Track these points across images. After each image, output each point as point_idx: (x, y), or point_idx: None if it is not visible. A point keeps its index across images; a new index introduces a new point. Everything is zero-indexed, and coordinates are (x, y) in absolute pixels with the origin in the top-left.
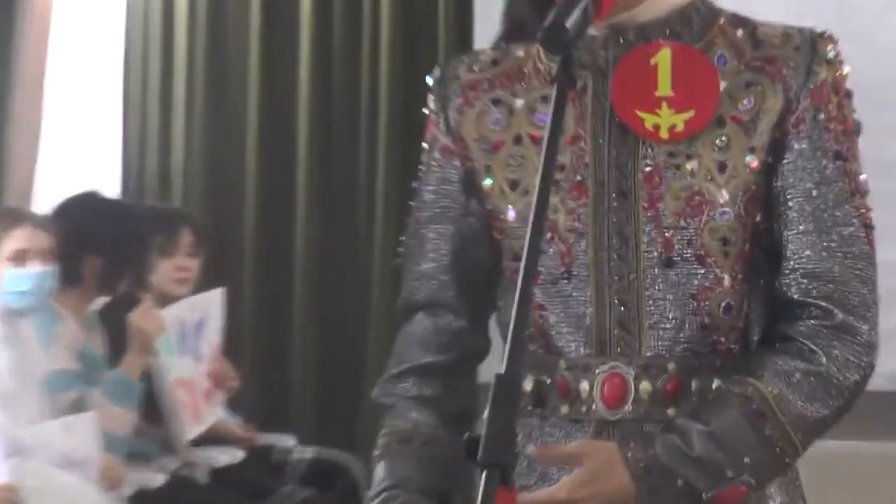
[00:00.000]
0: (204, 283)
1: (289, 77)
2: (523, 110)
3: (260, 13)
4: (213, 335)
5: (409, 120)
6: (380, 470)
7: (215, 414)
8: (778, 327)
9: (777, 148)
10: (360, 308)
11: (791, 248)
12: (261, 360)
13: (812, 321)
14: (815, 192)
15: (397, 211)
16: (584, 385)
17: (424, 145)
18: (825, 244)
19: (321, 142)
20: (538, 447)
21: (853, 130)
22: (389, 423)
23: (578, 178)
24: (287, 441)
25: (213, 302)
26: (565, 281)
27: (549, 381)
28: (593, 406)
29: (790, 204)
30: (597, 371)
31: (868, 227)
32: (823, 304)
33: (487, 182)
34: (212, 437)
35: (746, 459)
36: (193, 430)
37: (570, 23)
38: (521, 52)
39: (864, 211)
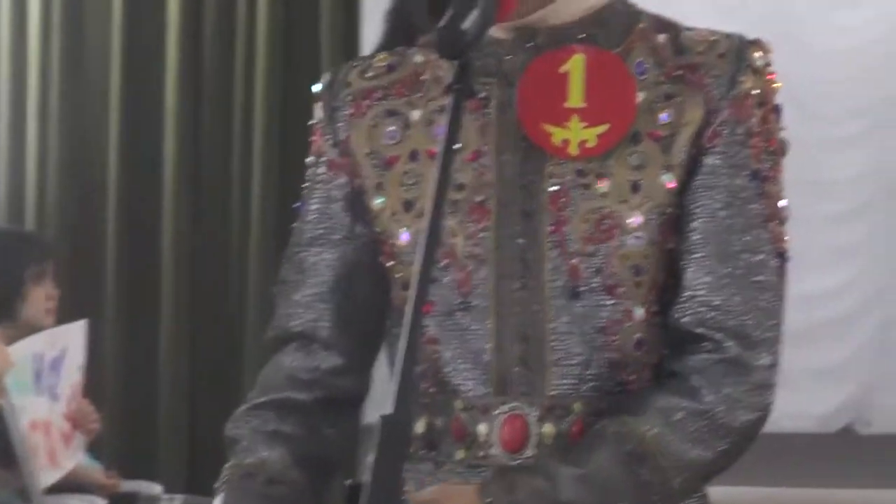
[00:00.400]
0: (63, 315)
1: (155, 94)
2: (420, 123)
3: (122, 11)
4: (72, 372)
5: (287, 135)
6: None
7: (74, 459)
8: (667, 362)
9: (693, 165)
10: (234, 343)
11: (689, 273)
12: (125, 399)
13: (703, 355)
14: (723, 213)
15: (274, 236)
16: (482, 427)
17: (309, 160)
18: (727, 270)
19: (190, 161)
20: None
21: (778, 149)
22: (234, 458)
23: (479, 198)
24: (153, 488)
25: (73, 336)
26: (462, 312)
27: (443, 423)
28: (491, 450)
29: (693, 225)
30: (495, 412)
31: (782, 257)
32: (718, 335)
33: (378, 202)
34: (70, 485)
35: None
36: (50, 477)
37: (467, 24)
38: (419, 58)
39: (779, 239)
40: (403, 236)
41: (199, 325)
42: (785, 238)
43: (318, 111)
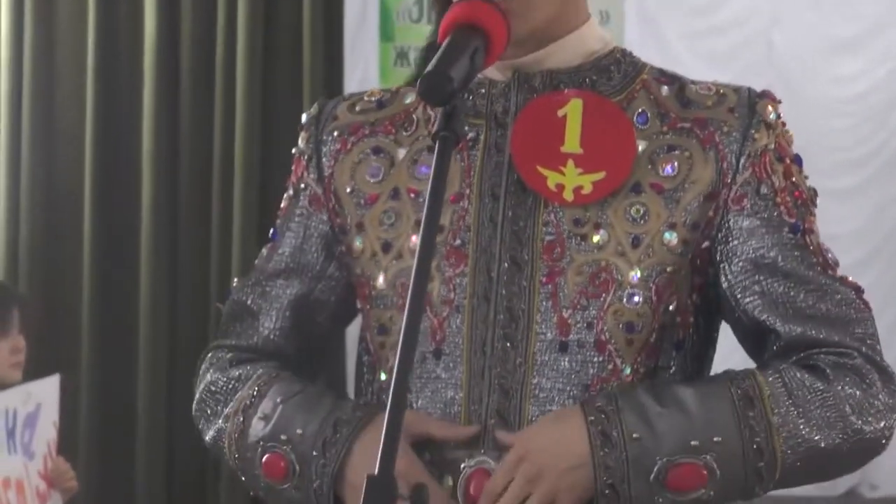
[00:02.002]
0: (36, 369)
1: (130, 137)
2: (405, 161)
3: (95, 55)
4: (47, 429)
5: (267, 181)
6: (212, 376)
7: None
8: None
9: (709, 228)
10: None
11: (786, 333)
12: (101, 457)
13: (833, 357)
14: (785, 266)
15: None
16: (448, 481)
17: (289, 190)
18: (819, 313)
19: (168, 208)
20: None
21: (808, 199)
22: (247, 382)
23: (458, 242)
24: None
25: (47, 391)
26: (434, 360)
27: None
28: None
29: (756, 288)
30: (462, 466)
31: (858, 290)
32: (842, 349)
33: (358, 243)
34: None
35: (717, 438)
36: None
37: (455, 71)
38: (411, 97)
39: (845, 279)
40: (380, 279)
41: (175, 381)
42: (849, 277)
43: (302, 142)
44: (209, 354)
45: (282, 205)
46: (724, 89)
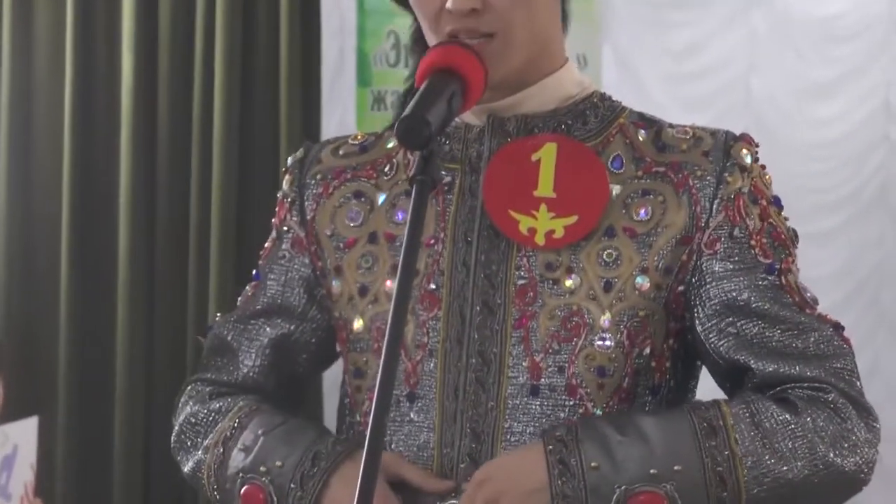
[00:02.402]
0: (12, 411)
1: (107, 164)
2: (384, 206)
3: (73, 89)
4: (24, 471)
5: (243, 221)
6: (191, 409)
7: None
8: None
9: (683, 272)
10: None
11: (760, 370)
12: (78, 498)
13: (808, 392)
14: (759, 307)
15: None
16: None
17: (272, 231)
18: (796, 351)
19: (144, 250)
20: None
21: (787, 240)
22: (226, 415)
23: (432, 286)
24: None
25: (25, 433)
26: (408, 403)
27: None
28: None
29: (731, 330)
30: None
31: (837, 328)
32: (817, 385)
33: (336, 286)
34: None
35: (677, 467)
36: None
37: (432, 115)
38: (394, 141)
39: (824, 317)
40: (356, 323)
41: (153, 422)
42: (828, 315)
43: (287, 185)
44: (188, 387)
45: (265, 245)
46: (701, 133)
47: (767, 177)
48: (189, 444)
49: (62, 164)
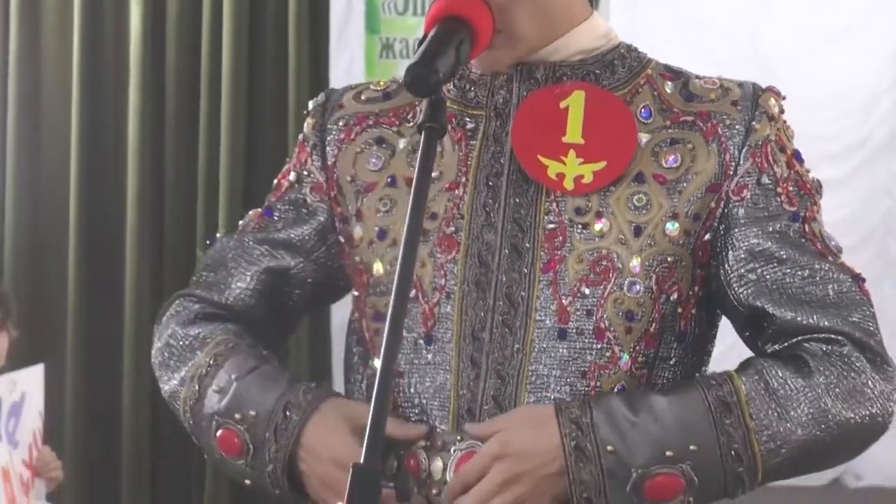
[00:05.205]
0: (21, 359)
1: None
2: (404, 151)
3: (80, 76)
4: (32, 418)
5: (251, 170)
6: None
7: None
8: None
9: (711, 219)
10: None
11: (778, 318)
12: (87, 446)
13: (822, 345)
14: (781, 254)
15: None
16: (438, 464)
17: (291, 174)
18: (813, 299)
19: (152, 204)
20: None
21: (812, 189)
22: (203, 347)
23: (451, 229)
24: None
25: (32, 380)
26: (426, 345)
27: (401, 458)
28: (446, 488)
29: (751, 276)
30: (452, 448)
31: (857, 279)
32: (833, 336)
33: (358, 231)
34: None
35: (693, 447)
36: None
37: (440, 62)
38: None
39: (845, 267)
40: (377, 266)
41: None
42: (849, 265)
43: (308, 128)
44: (176, 301)
45: (280, 182)
46: (729, 83)
47: (790, 130)
48: (166, 366)
49: (70, 123)
